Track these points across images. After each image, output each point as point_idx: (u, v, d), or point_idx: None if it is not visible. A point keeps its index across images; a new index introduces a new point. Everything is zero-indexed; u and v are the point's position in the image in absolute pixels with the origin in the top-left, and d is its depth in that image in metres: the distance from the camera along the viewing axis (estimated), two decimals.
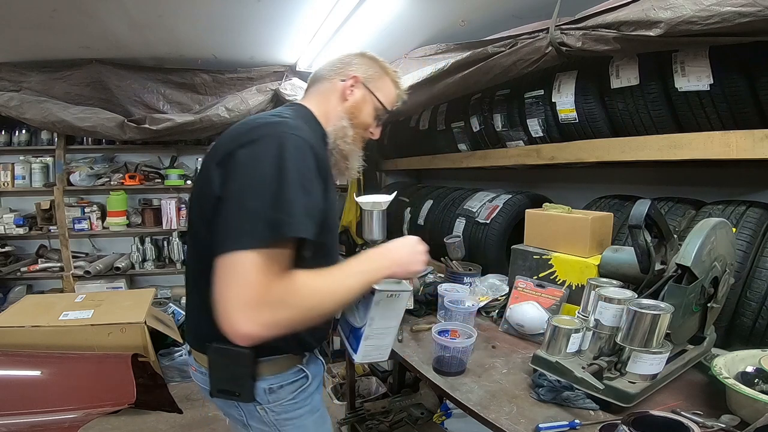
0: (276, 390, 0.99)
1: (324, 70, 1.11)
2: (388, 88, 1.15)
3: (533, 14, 1.70)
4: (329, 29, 2.31)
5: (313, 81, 1.13)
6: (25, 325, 2.30)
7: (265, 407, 0.99)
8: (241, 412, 1.01)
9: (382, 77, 1.13)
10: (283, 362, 1.00)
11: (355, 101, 1.08)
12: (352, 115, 1.07)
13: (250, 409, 1.00)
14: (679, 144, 1.32)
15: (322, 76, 1.11)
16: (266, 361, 0.97)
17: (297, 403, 1.02)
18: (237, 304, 0.72)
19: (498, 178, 2.66)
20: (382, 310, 0.95)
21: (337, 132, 1.05)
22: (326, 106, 1.07)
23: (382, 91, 1.12)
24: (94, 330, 2.34)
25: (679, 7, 1.11)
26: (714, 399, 0.98)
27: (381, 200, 1.62)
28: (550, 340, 1.06)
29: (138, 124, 3.04)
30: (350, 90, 1.07)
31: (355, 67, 1.10)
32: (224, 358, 0.94)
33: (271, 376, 0.98)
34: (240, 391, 0.97)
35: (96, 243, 3.71)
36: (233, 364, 0.95)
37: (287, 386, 1.00)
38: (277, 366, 0.99)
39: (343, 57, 1.12)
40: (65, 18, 2.24)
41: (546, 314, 1.32)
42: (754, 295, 1.15)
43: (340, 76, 1.08)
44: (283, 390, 1.00)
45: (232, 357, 0.93)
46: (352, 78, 1.07)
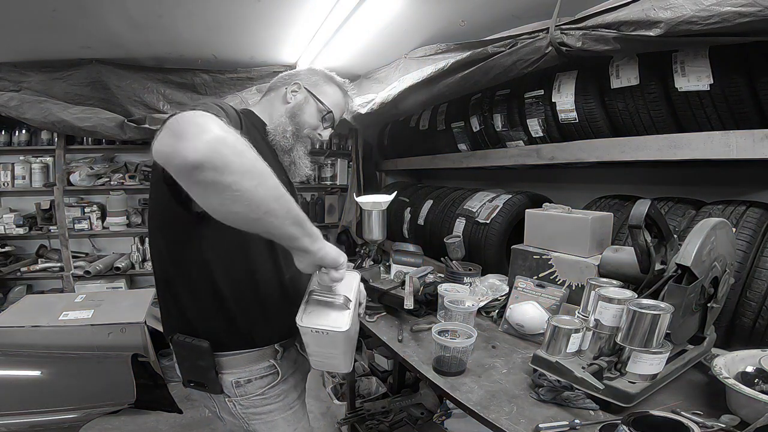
0: (243, 384, 1.01)
1: (273, 82, 1.25)
2: (334, 92, 1.25)
3: (533, 14, 1.70)
4: (329, 29, 2.31)
5: (264, 93, 1.26)
6: (25, 325, 2.30)
7: (233, 400, 1.02)
8: (214, 404, 1.06)
9: (327, 83, 1.24)
10: (251, 357, 1.02)
11: (297, 103, 1.18)
12: (293, 114, 1.17)
13: (220, 401, 1.04)
14: (679, 144, 1.32)
15: (272, 87, 1.24)
16: (226, 356, 1.00)
17: (266, 398, 1.04)
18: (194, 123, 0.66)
19: (498, 178, 2.66)
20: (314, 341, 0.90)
21: (276, 128, 1.15)
22: (270, 108, 1.20)
23: (326, 94, 1.22)
24: (94, 330, 2.34)
25: (679, 7, 1.11)
26: (714, 399, 0.98)
27: (381, 200, 1.62)
28: (550, 340, 1.06)
29: (138, 124, 3.04)
30: (292, 94, 1.19)
31: (301, 76, 1.22)
32: (185, 350, 0.98)
33: (239, 370, 1.01)
34: (206, 383, 1.00)
35: (96, 243, 3.71)
36: (195, 356, 0.98)
37: (256, 381, 1.03)
38: (243, 360, 1.01)
39: (294, 72, 1.26)
40: (65, 18, 2.24)
41: (546, 314, 1.32)
42: (754, 295, 1.15)
43: (285, 84, 1.21)
44: (252, 384, 1.02)
45: (191, 349, 0.97)
46: (294, 83, 1.20)
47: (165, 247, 0.98)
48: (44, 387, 2.08)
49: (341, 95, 1.27)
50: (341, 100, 1.27)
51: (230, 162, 0.66)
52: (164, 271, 1.00)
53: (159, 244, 0.99)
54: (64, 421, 1.93)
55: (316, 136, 1.23)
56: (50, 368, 2.14)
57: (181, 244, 0.94)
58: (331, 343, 0.90)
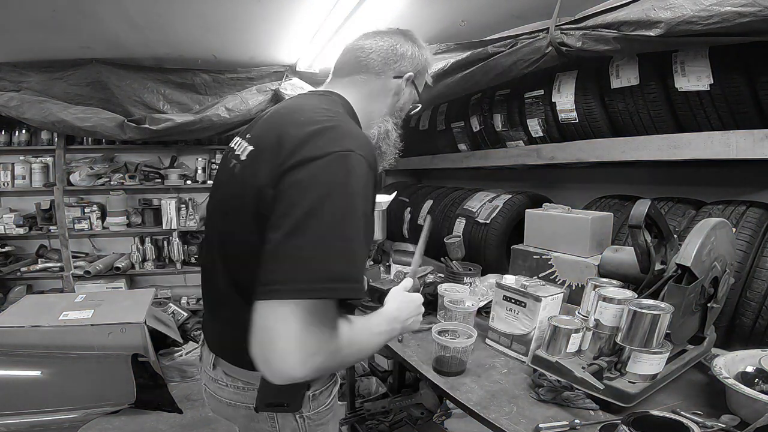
0: (317, 396, 0.95)
1: (373, 60, 0.95)
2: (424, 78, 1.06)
3: (533, 14, 1.70)
4: (329, 29, 2.31)
5: (355, 68, 0.96)
6: (25, 325, 2.30)
7: (305, 415, 0.94)
8: (275, 424, 0.94)
9: (426, 70, 1.04)
10: None
11: (404, 100, 1.00)
12: (398, 115, 1.00)
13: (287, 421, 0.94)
14: (679, 144, 1.32)
15: (371, 67, 0.95)
16: None
17: (329, 408, 0.99)
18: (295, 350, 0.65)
19: (498, 178, 2.66)
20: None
21: (380, 134, 0.96)
22: (372, 104, 0.96)
23: (422, 85, 1.04)
24: (94, 330, 2.34)
25: (679, 7, 1.11)
26: (714, 399, 0.98)
27: (381, 200, 1.62)
28: (550, 340, 1.06)
29: (138, 124, 3.04)
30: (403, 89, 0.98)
31: (408, 61, 0.97)
32: None
33: (316, 382, 0.94)
34: (290, 401, 0.91)
35: (96, 243, 3.71)
36: None
37: (325, 391, 0.97)
38: None
39: (396, 45, 0.97)
40: (65, 18, 2.24)
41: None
42: (754, 295, 1.15)
43: (394, 72, 0.96)
44: (322, 395, 0.96)
45: None
46: (407, 76, 0.97)
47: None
48: (44, 387, 2.08)
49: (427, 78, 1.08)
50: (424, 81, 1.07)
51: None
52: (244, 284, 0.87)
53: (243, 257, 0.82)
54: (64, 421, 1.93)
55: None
56: (50, 368, 2.15)
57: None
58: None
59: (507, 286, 1.25)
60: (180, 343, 3.06)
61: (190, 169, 3.75)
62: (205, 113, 3.19)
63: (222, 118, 3.18)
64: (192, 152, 3.77)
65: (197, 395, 2.72)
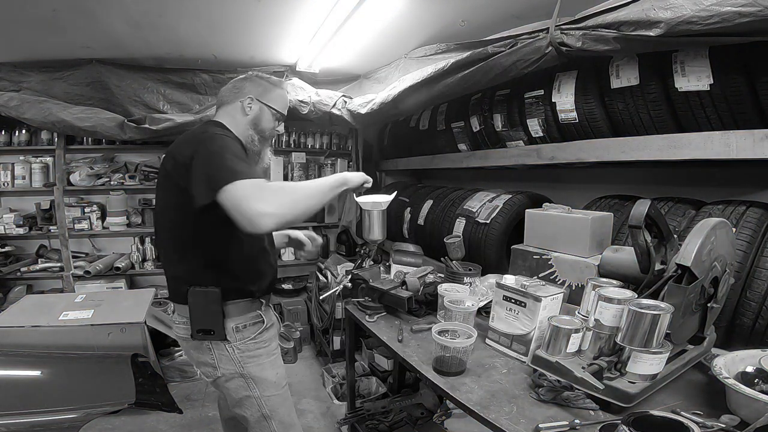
0: (241, 329, 1.30)
1: (224, 97, 1.43)
2: (280, 95, 1.46)
3: (533, 14, 1.70)
4: (329, 29, 2.31)
5: (219, 104, 1.44)
6: (25, 325, 2.30)
7: (233, 345, 1.28)
8: (213, 356, 1.29)
9: (272, 89, 1.44)
10: (244, 306, 1.31)
11: (255, 114, 1.40)
12: (254, 124, 1.40)
13: (220, 350, 1.29)
14: (679, 144, 1.32)
15: (224, 101, 1.42)
16: (231, 303, 1.28)
17: (257, 343, 1.32)
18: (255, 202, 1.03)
19: (498, 178, 2.66)
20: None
21: (246, 139, 1.39)
22: (233, 121, 1.39)
23: (275, 101, 1.43)
24: (94, 330, 2.34)
25: (679, 7, 1.11)
26: (714, 399, 0.98)
27: (381, 200, 1.62)
28: (550, 340, 1.06)
29: (138, 124, 3.04)
30: (249, 107, 1.39)
31: (248, 89, 1.41)
32: (201, 299, 1.25)
33: (237, 317, 1.29)
34: (215, 329, 1.26)
35: (96, 243, 3.70)
36: (208, 303, 1.25)
37: (250, 327, 1.32)
38: (240, 308, 1.30)
39: (236, 83, 1.43)
40: (65, 18, 2.24)
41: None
42: (754, 295, 1.15)
43: (238, 98, 1.40)
44: (247, 330, 1.31)
45: (206, 296, 1.25)
46: (248, 97, 1.39)
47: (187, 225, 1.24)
48: (44, 387, 2.08)
49: (284, 92, 1.49)
50: (285, 97, 1.49)
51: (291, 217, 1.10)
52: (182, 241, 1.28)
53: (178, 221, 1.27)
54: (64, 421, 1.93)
55: (275, 133, 1.49)
56: (50, 368, 2.14)
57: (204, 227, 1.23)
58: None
59: (507, 286, 1.26)
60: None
61: None
62: (205, 113, 3.18)
63: None
64: None
65: (197, 395, 2.72)
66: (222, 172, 1.09)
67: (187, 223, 1.24)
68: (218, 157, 1.13)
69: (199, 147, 1.18)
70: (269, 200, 1.05)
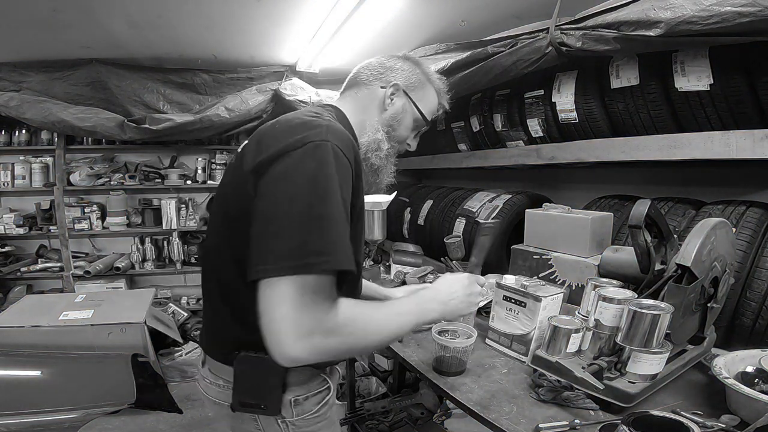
0: (302, 402, 0.94)
1: (363, 74, 1.04)
2: (431, 97, 1.08)
3: (533, 14, 1.70)
4: (329, 29, 2.31)
5: (350, 84, 1.05)
6: (25, 325, 2.30)
7: (287, 421, 0.93)
8: (259, 425, 0.95)
9: (425, 85, 1.06)
10: (310, 371, 0.96)
11: (395, 111, 1.01)
12: (390, 127, 1.01)
13: (269, 424, 0.94)
14: (679, 144, 1.32)
15: (361, 81, 1.03)
16: (295, 370, 0.93)
17: (319, 416, 0.97)
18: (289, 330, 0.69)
19: (498, 178, 2.66)
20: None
21: (370, 144, 0.99)
22: (363, 114, 1.00)
23: (423, 101, 1.05)
24: (94, 330, 2.34)
25: (679, 7, 1.11)
26: (714, 399, 0.98)
27: (381, 200, 1.62)
28: (550, 340, 1.06)
29: (138, 124, 3.04)
30: (390, 99, 1.01)
31: (397, 73, 1.03)
32: (254, 368, 0.89)
33: (298, 387, 0.93)
34: (266, 403, 0.91)
35: (96, 243, 3.71)
36: (264, 374, 0.90)
37: (312, 398, 0.96)
38: (305, 375, 0.95)
39: (385, 60, 1.05)
40: (65, 18, 2.24)
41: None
42: (754, 295, 1.15)
43: (380, 82, 1.02)
44: (308, 402, 0.95)
45: (263, 366, 0.87)
46: (392, 85, 1.01)
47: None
48: (44, 387, 2.08)
49: (436, 99, 1.09)
50: (435, 106, 1.09)
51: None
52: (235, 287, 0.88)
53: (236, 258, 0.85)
54: (64, 421, 1.93)
55: (404, 148, 1.09)
56: (50, 368, 2.15)
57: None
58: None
59: (507, 286, 1.26)
60: (180, 343, 3.06)
61: (190, 169, 3.75)
62: (205, 113, 3.19)
63: (222, 118, 3.18)
64: (192, 152, 3.77)
65: (197, 395, 2.70)
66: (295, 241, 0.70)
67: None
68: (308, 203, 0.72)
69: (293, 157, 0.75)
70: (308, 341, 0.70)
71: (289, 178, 0.74)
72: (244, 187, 0.79)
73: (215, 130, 3.31)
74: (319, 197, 0.72)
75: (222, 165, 3.71)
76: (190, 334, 3.27)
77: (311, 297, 0.70)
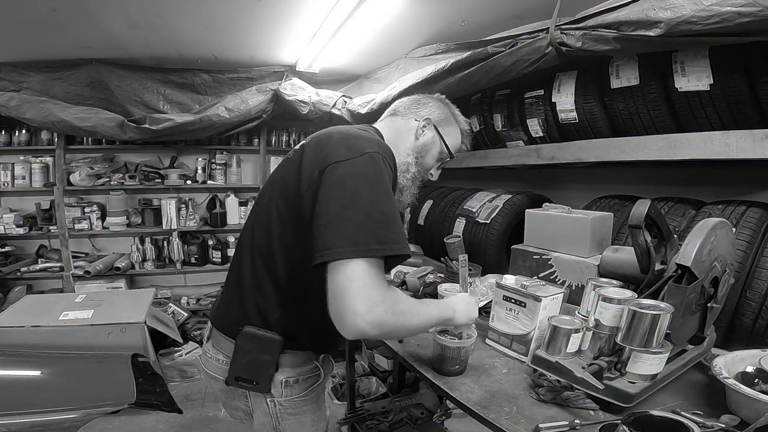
0: (291, 384, 1.03)
1: (401, 107, 1.21)
2: (455, 134, 1.23)
3: (533, 14, 1.70)
4: (329, 29, 2.31)
5: (388, 114, 1.22)
6: (25, 325, 2.30)
7: (276, 400, 1.02)
8: (247, 403, 1.06)
9: (451, 123, 1.22)
10: (303, 356, 1.05)
11: (425, 141, 1.16)
12: (419, 153, 1.16)
13: (257, 400, 1.04)
14: (679, 144, 1.32)
15: (398, 112, 1.20)
16: (288, 353, 1.02)
17: (306, 401, 1.06)
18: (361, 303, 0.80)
19: (498, 178, 2.66)
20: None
21: (400, 166, 1.11)
22: (398, 139, 1.14)
23: (450, 136, 1.20)
24: (94, 330, 2.34)
25: (679, 7, 1.11)
26: (714, 399, 0.98)
27: None
28: (550, 340, 1.06)
29: (138, 124, 3.04)
30: (422, 130, 1.16)
31: (430, 109, 1.19)
32: (253, 344, 0.99)
33: (290, 369, 1.03)
34: (258, 380, 1.00)
35: (96, 243, 3.71)
36: (261, 351, 0.99)
37: (303, 382, 1.05)
38: (298, 359, 1.04)
39: (420, 98, 1.22)
40: (65, 18, 2.24)
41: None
42: (754, 295, 1.15)
43: (414, 115, 1.18)
44: (299, 385, 1.04)
45: (262, 342, 0.99)
46: (425, 119, 1.17)
47: (289, 261, 0.98)
48: (44, 387, 2.08)
49: (459, 137, 1.24)
50: (458, 144, 1.25)
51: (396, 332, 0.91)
52: (266, 274, 1.00)
53: (277, 253, 0.99)
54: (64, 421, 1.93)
55: (428, 177, 1.23)
56: (50, 368, 2.14)
57: (313, 275, 0.90)
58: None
59: (507, 286, 1.26)
60: (180, 343, 3.06)
61: (190, 169, 3.74)
62: (205, 113, 3.19)
63: (222, 118, 3.18)
64: (192, 152, 3.77)
65: (197, 395, 2.72)
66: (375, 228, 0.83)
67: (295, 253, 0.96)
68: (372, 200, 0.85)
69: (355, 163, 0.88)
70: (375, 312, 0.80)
71: (355, 178, 0.87)
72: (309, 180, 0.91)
73: (215, 130, 3.31)
74: (380, 194, 0.87)
75: (222, 165, 3.71)
76: (190, 334, 3.27)
77: (376, 277, 0.82)
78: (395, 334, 0.96)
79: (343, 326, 0.82)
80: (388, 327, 0.84)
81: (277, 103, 3.31)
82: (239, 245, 1.11)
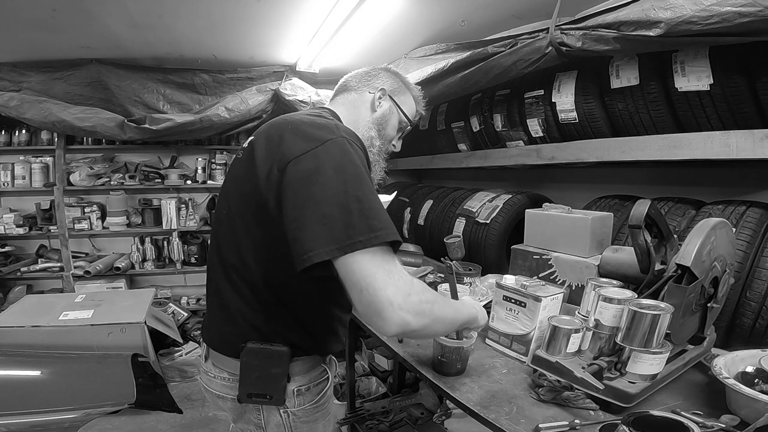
0: (303, 392, 1.00)
1: (352, 81, 1.16)
2: (410, 102, 1.20)
3: (533, 14, 1.71)
4: (329, 29, 2.31)
5: (340, 90, 1.17)
6: (25, 325, 2.30)
7: (289, 411, 0.98)
8: (261, 415, 1.00)
9: (405, 92, 1.19)
10: (311, 361, 1.02)
11: (384, 112, 1.13)
12: (380, 125, 1.12)
13: (271, 413, 0.99)
14: (679, 144, 1.32)
15: (350, 87, 1.15)
16: (298, 360, 0.98)
17: (318, 407, 1.03)
18: (393, 295, 0.75)
19: (498, 178, 2.66)
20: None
21: (365, 141, 1.06)
22: (356, 115, 1.11)
23: (405, 105, 1.18)
24: (94, 330, 2.34)
25: (679, 7, 1.11)
26: (714, 399, 0.98)
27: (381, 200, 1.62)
28: (550, 340, 1.06)
29: (138, 124, 3.04)
30: (379, 101, 1.12)
31: (382, 80, 1.15)
32: (260, 359, 0.94)
33: (301, 377, 1.00)
34: (272, 393, 0.96)
35: (96, 243, 3.71)
36: (269, 365, 0.94)
37: (314, 388, 1.02)
38: (307, 365, 1.01)
39: (370, 70, 1.17)
40: (65, 18, 2.25)
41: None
42: (754, 295, 1.15)
43: (368, 87, 1.14)
44: (310, 392, 1.01)
45: (269, 356, 0.94)
46: (380, 90, 1.12)
47: (271, 267, 0.92)
48: (44, 387, 2.08)
49: (414, 105, 1.21)
50: (414, 111, 1.22)
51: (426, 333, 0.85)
52: (251, 278, 0.94)
53: (253, 267, 0.93)
54: (64, 421, 1.93)
55: (391, 148, 1.19)
56: (50, 368, 2.15)
57: (293, 276, 0.87)
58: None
59: (507, 286, 1.26)
60: (180, 343, 3.06)
61: (190, 169, 3.75)
62: (205, 113, 3.19)
63: (222, 118, 3.18)
64: (192, 152, 3.77)
65: (197, 395, 2.72)
66: (354, 219, 0.76)
67: (269, 259, 0.91)
68: (347, 191, 0.78)
69: (317, 154, 0.81)
70: (411, 301, 0.76)
71: (320, 171, 0.79)
72: (267, 179, 0.84)
73: (215, 130, 3.31)
74: (353, 182, 0.79)
75: (222, 165, 3.71)
76: (190, 334, 3.27)
77: (392, 265, 0.77)
78: (432, 328, 0.87)
79: (384, 324, 0.76)
80: (426, 313, 0.80)
81: (277, 103, 3.31)
82: (210, 268, 1.04)
